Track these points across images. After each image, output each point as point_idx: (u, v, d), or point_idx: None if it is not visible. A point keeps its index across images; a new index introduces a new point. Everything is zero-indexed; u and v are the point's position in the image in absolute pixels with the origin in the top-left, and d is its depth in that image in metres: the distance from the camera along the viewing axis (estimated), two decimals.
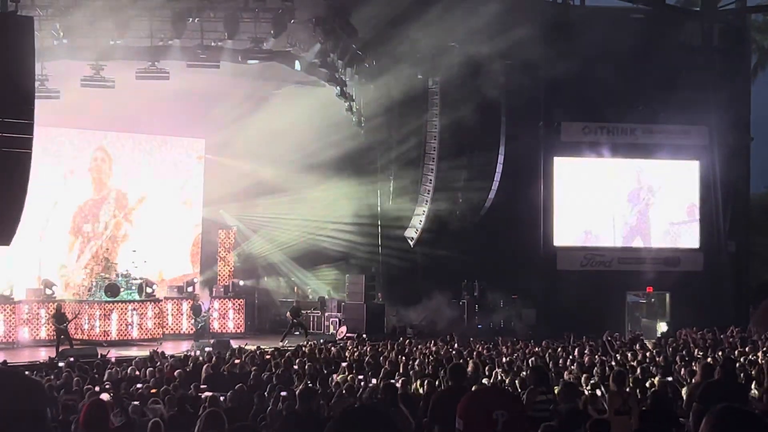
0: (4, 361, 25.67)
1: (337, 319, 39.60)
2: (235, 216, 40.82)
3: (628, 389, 14.59)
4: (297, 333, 36.75)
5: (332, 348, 28.49)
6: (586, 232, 42.97)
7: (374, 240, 41.25)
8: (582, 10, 41.83)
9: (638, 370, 19.12)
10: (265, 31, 34.12)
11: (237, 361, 23.78)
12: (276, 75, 37.21)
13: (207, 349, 29.23)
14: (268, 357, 25.27)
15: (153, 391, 18.08)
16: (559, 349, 26.77)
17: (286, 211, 39.83)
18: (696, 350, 25.81)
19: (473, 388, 5.66)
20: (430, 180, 40.12)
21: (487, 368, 20.60)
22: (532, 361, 22.73)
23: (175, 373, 21.34)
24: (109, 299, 35.28)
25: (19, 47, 22.54)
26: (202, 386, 19.77)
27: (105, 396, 16.17)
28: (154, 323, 36.58)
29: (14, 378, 4.49)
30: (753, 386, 16.92)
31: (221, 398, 16.07)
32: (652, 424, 12.80)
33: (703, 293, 40.39)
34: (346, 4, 34.88)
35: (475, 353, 25.75)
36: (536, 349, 27.78)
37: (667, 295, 42.77)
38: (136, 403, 15.77)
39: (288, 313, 37.88)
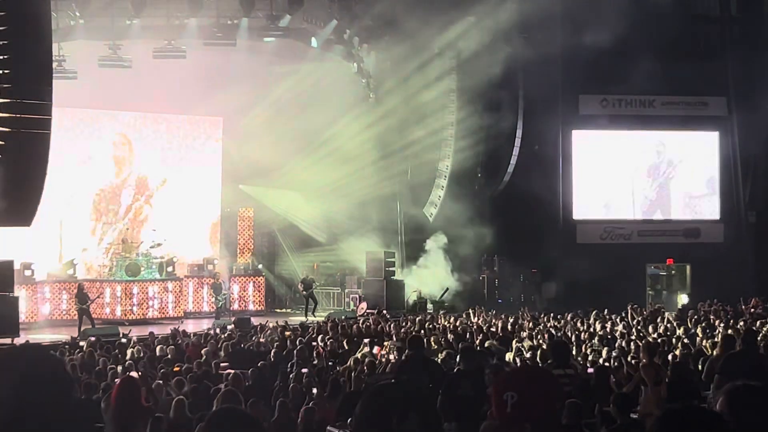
0: (27, 341, 25.82)
1: (357, 295, 39.65)
2: (254, 193, 40.81)
3: (657, 361, 14.58)
4: (309, 307, 37.11)
5: (353, 324, 28.53)
6: (606, 205, 42.83)
7: (393, 215, 41.22)
8: None
9: (660, 343, 19.09)
10: (281, 8, 34.12)
11: (262, 340, 23.87)
12: (292, 52, 37.16)
13: (228, 326, 29.34)
14: (288, 334, 25.33)
15: (176, 369, 18.16)
16: (579, 323, 26.77)
17: (303, 188, 39.83)
18: (717, 322, 25.74)
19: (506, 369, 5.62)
20: (449, 155, 40.05)
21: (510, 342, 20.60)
22: (548, 336, 22.73)
23: (197, 351, 21.43)
24: (129, 278, 35.41)
25: (36, 28, 22.56)
26: (223, 364, 19.86)
27: (134, 374, 16.26)
28: (175, 302, 36.71)
29: (37, 354, 4.51)
30: None
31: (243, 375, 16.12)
32: (674, 396, 12.80)
33: (724, 264, 40.20)
34: None
35: (497, 327, 25.75)
36: (557, 323, 27.77)
37: (688, 267, 42.64)
38: (159, 381, 15.84)
39: (300, 285, 38.07)
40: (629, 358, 16.80)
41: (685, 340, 20.92)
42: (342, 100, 37.94)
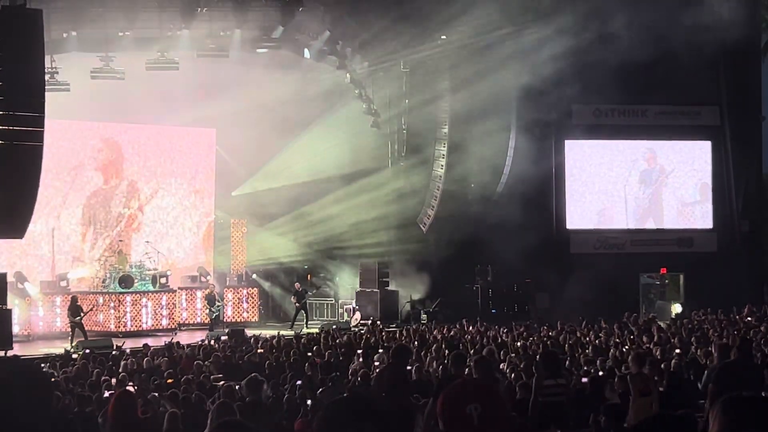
0: (15, 356, 25.76)
1: (350, 306, 39.61)
2: (247, 204, 40.71)
3: (647, 371, 14.56)
4: (300, 319, 37.18)
5: (347, 335, 28.51)
6: (599, 214, 42.86)
7: (387, 225, 41.19)
8: None
9: (655, 352, 19.09)
10: (274, 19, 34.13)
11: (260, 350, 23.87)
12: (285, 63, 37.19)
13: (222, 338, 29.31)
14: (282, 345, 25.32)
15: (169, 381, 18.13)
16: (573, 333, 26.74)
17: (297, 198, 39.79)
18: (711, 331, 25.74)
19: (449, 384, 5.47)
20: (442, 165, 40.07)
21: (501, 352, 20.61)
22: (542, 346, 22.72)
23: (191, 363, 21.40)
24: (123, 290, 35.36)
25: (28, 40, 22.55)
26: (217, 375, 19.83)
27: (129, 388, 16.24)
28: (169, 313, 36.65)
29: (14, 368, 4.51)
30: None
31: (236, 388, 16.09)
32: (668, 405, 12.77)
33: (718, 273, 40.20)
34: None
35: (489, 338, 25.75)
36: (550, 332, 27.76)
37: (681, 276, 42.65)
38: (154, 394, 15.81)
39: (293, 297, 38.06)
40: (623, 369, 16.79)
41: (678, 350, 20.92)
42: (335, 111, 37.92)
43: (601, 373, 16.86)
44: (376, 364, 20.05)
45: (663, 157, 43.39)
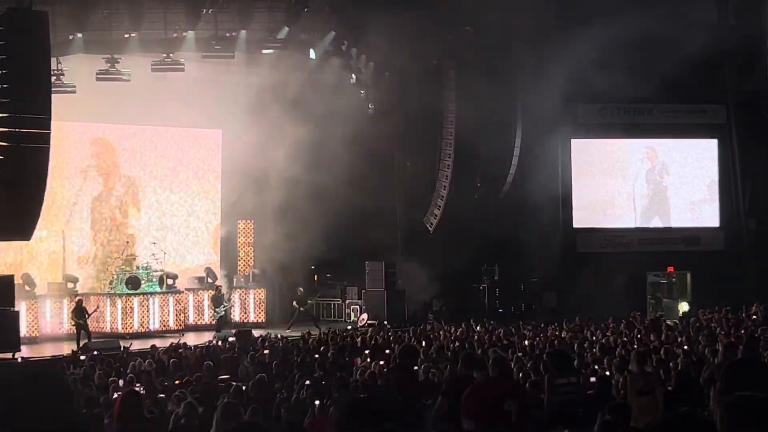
0: (22, 357, 25.85)
1: (357, 307, 39.60)
2: (253, 204, 40.68)
3: (650, 369, 14.52)
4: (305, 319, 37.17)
5: (354, 335, 28.49)
6: (606, 213, 42.79)
7: (393, 226, 41.18)
8: None
9: (662, 351, 19.06)
10: (279, 20, 34.20)
11: (266, 351, 23.88)
12: (291, 64, 37.21)
13: (229, 339, 29.31)
14: (290, 346, 25.33)
15: (177, 382, 18.14)
16: (580, 332, 26.71)
17: (303, 198, 39.75)
18: (718, 329, 25.69)
19: (474, 383, 5.29)
20: (448, 165, 40.04)
21: (509, 352, 20.59)
22: (549, 345, 22.69)
23: (199, 364, 21.41)
24: (130, 292, 35.38)
25: (34, 42, 22.57)
26: (225, 376, 19.83)
27: (136, 388, 16.25)
28: (176, 315, 36.68)
29: (34, 370, 4.54)
30: None
31: (243, 388, 16.12)
32: (677, 404, 12.73)
33: (725, 271, 40.17)
34: None
35: (495, 337, 25.73)
36: (557, 332, 27.73)
37: (688, 275, 42.57)
38: (161, 395, 15.82)
39: (294, 302, 38.02)
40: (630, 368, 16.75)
41: (686, 347, 20.89)
42: (340, 111, 37.94)
43: (608, 372, 16.83)
44: (382, 363, 20.05)
45: (669, 155, 43.32)
